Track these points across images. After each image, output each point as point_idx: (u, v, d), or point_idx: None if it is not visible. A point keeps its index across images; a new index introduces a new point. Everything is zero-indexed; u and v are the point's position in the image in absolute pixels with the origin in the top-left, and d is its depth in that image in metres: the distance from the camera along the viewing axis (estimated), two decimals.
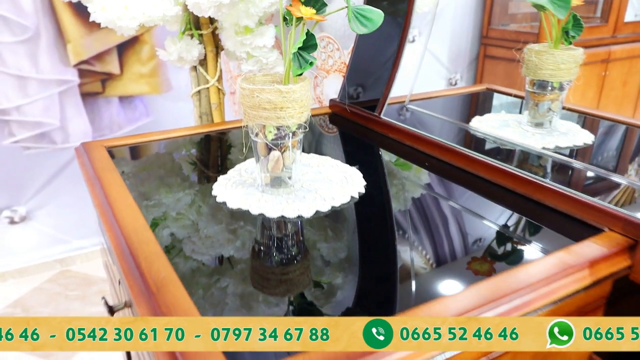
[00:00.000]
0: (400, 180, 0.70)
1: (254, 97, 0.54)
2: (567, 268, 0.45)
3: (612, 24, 2.59)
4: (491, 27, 2.68)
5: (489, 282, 0.43)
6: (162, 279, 0.43)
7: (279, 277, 0.48)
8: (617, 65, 2.70)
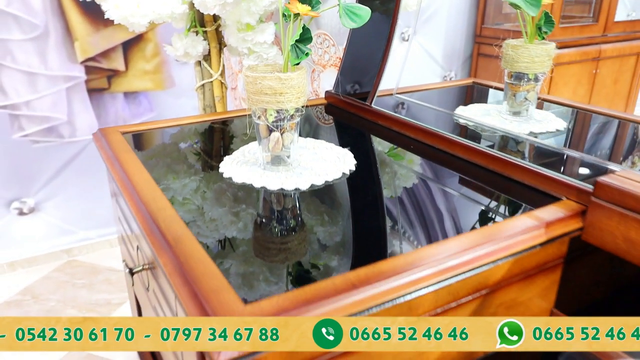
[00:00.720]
0: (387, 162, 0.77)
1: (257, 84, 0.62)
2: (528, 227, 0.53)
3: (603, 23, 2.69)
4: (484, 26, 2.78)
5: (463, 237, 0.51)
6: (179, 235, 0.50)
7: (279, 241, 0.56)
8: (608, 64, 2.81)
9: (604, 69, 2.84)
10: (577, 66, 2.90)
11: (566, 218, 0.55)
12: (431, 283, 0.46)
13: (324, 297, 0.42)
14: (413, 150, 0.78)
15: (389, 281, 0.44)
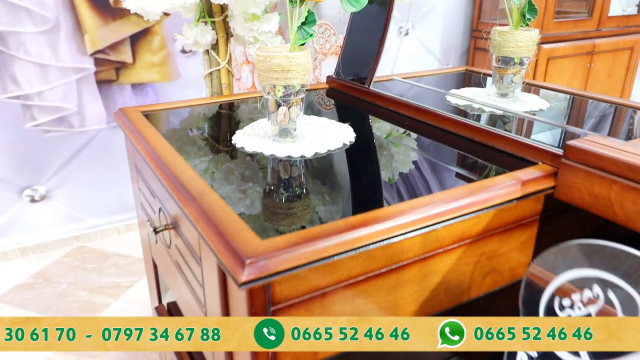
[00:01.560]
0: (383, 135, 0.85)
1: (267, 62, 0.69)
2: (506, 184, 0.60)
3: (597, 18, 2.79)
4: (481, 20, 2.86)
5: (448, 191, 0.58)
6: (201, 190, 0.58)
7: (289, 197, 0.63)
8: (602, 57, 2.91)
9: (598, 62, 2.94)
10: (572, 60, 3.00)
11: (540, 178, 0.63)
12: (419, 227, 0.53)
13: (328, 235, 0.49)
14: (407, 126, 0.85)
15: (383, 224, 0.52)
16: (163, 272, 0.83)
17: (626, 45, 3.02)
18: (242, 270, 0.44)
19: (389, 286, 0.56)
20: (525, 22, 0.92)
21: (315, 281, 0.50)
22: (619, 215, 0.56)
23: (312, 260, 0.47)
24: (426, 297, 0.60)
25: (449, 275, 0.60)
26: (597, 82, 3.12)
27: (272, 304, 0.48)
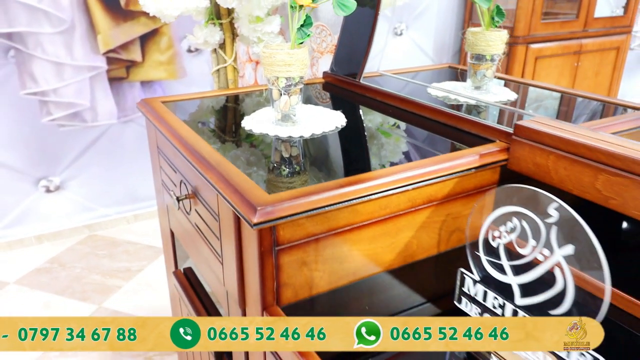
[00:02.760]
0: (370, 121, 0.98)
1: (272, 58, 0.83)
2: (467, 155, 0.74)
3: (583, 19, 2.96)
4: (472, 22, 3.03)
5: (420, 162, 0.71)
6: (219, 161, 0.71)
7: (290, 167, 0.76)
8: (589, 57, 3.09)
9: (585, 62, 3.11)
10: (559, 59, 3.17)
11: (496, 152, 0.76)
12: (393, 187, 0.67)
13: (321, 191, 0.63)
14: (391, 114, 0.99)
15: (364, 184, 0.65)
16: (181, 238, 0.97)
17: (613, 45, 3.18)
18: (255, 215, 0.58)
19: (370, 237, 0.69)
20: (494, 23, 1.06)
21: (310, 228, 0.64)
22: (555, 180, 0.70)
23: (308, 210, 0.61)
24: (401, 248, 0.73)
25: (420, 231, 0.74)
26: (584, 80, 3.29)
27: (277, 244, 0.62)
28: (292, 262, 0.64)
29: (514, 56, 2.94)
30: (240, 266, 0.67)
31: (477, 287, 0.57)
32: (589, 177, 0.65)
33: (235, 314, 0.74)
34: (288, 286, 0.65)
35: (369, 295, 0.72)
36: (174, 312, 1.18)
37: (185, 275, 1.04)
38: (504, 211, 0.52)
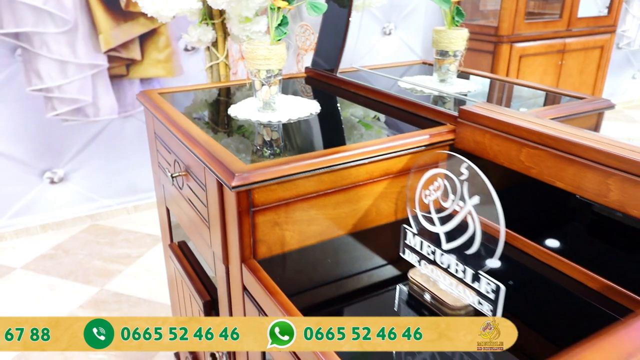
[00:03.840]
0: (342, 108, 1.11)
1: (253, 52, 0.96)
2: (419, 134, 0.86)
3: (566, 19, 3.11)
4: None
5: (379, 140, 0.84)
6: (206, 140, 0.84)
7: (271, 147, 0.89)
8: (573, 56, 3.24)
9: (569, 60, 3.26)
10: (543, 58, 3.31)
11: (444, 132, 0.89)
12: (353, 160, 0.79)
13: (290, 162, 0.75)
14: (361, 102, 1.12)
15: (328, 157, 0.78)
16: (176, 213, 1.09)
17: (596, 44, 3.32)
18: (233, 179, 0.70)
19: (333, 203, 0.82)
20: (455, 22, 1.18)
21: (281, 193, 0.76)
22: (490, 154, 0.82)
23: (277, 177, 0.73)
24: (362, 214, 0.86)
25: (378, 200, 0.87)
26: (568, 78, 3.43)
27: (253, 206, 0.75)
28: (265, 222, 0.76)
29: (498, 55, 3.08)
30: (223, 226, 0.80)
31: (415, 239, 0.70)
32: (515, 151, 0.78)
33: (220, 271, 0.87)
34: (263, 243, 0.77)
35: (334, 255, 0.85)
36: (171, 285, 1.31)
37: (179, 247, 1.16)
38: (431, 173, 0.65)
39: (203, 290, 1.00)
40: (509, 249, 0.79)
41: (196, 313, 1.07)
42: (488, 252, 0.59)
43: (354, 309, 0.72)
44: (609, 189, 0.66)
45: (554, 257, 0.74)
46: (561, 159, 0.71)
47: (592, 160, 0.67)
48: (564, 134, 0.71)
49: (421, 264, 0.70)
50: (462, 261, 0.63)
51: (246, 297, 0.78)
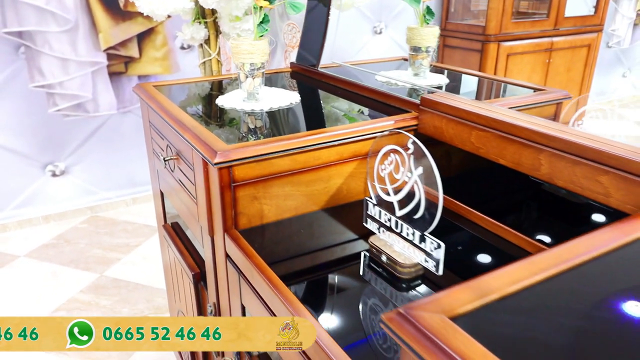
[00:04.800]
0: (321, 99, 1.21)
1: (238, 47, 1.06)
2: (385, 120, 0.96)
3: (553, 18, 3.22)
4: (449, 21, 3.28)
5: (348, 125, 0.94)
6: (195, 125, 0.94)
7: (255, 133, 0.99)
8: (561, 54, 3.35)
9: (557, 59, 3.36)
10: (531, 56, 3.42)
11: (408, 119, 0.99)
12: (324, 141, 0.89)
13: (267, 143, 0.85)
14: (339, 94, 1.21)
15: (301, 139, 0.88)
16: (167, 193, 1.19)
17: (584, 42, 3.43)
18: (215, 157, 0.80)
19: (307, 181, 0.92)
20: (427, 21, 1.28)
21: (259, 171, 0.86)
22: (447, 138, 0.92)
23: (255, 155, 0.83)
24: (333, 192, 0.96)
25: (348, 179, 0.96)
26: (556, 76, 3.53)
27: (234, 182, 0.84)
28: (245, 196, 0.86)
29: (486, 53, 3.19)
30: (208, 201, 0.90)
31: (375, 209, 0.80)
32: (467, 134, 0.88)
33: (207, 243, 0.96)
34: (243, 215, 0.87)
35: (309, 228, 0.94)
36: (165, 267, 1.41)
37: (172, 228, 1.27)
38: (386, 149, 0.75)
39: (193, 264, 1.10)
40: (456, 217, 0.89)
41: (187, 287, 1.17)
42: (431, 216, 0.69)
43: (325, 272, 0.82)
44: (540, 164, 0.76)
45: (496, 224, 0.84)
46: (503, 139, 0.81)
47: (527, 139, 0.77)
48: (505, 117, 0.81)
49: (380, 230, 0.80)
50: (412, 225, 0.73)
51: (229, 264, 0.88)
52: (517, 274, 0.48)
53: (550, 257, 0.51)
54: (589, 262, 0.51)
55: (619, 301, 0.46)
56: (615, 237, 0.54)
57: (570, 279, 0.48)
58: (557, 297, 0.46)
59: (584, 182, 0.70)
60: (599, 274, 0.50)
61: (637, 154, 0.64)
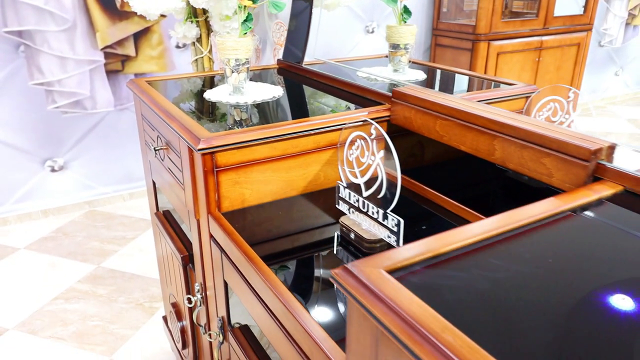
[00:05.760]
0: (303, 92, 1.28)
1: (224, 44, 1.13)
2: (357, 112, 1.04)
3: (542, 17, 3.30)
4: (440, 21, 3.36)
5: (324, 115, 1.01)
6: (182, 116, 1.01)
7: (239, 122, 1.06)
8: (550, 53, 3.43)
9: (546, 57, 3.44)
10: (521, 54, 3.49)
11: (381, 110, 1.06)
12: (300, 130, 0.96)
13: (248, 131, 0.92)
14: (321, 88, 1.29)
15: (279, 128, 0.95)
16: (158, 182, 1.26)
17: (573, 41, 3.50)
18: (199, 143, 0.88)
19: (286, 167, 0.99)
20: (404, 19, 1.35)
21: (240, 157, 0.93)
22: (415, 127, 0.99)
23: (236, 142, 0.91)
24: (311, 178, 1.03)
25: (325, 166, 1.04)
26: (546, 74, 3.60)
27: (216, 167, 0.92)
28: (227, 180, 0.94)
29: (476, 52, 3.26)
30: (194, 186, 0.97)
31: (345, 191, 0.87)
32: (432, 123, 0.95)
33: (194, 225, 1.04)
34: (226, 198, 0.95)
35: (288, 212, 1.02)
36: (158, 256, 1.48)
37: (163, 215, 1.34)
38: (353, 135, 0.82)
39: (182, 248, 1.18)
40: (416, 197, 0.97)
41: (177, 270, 1.24)
42: (392, 195, 0.76)
43: (300, 249, 0.90)
44: (494, 149, 0.83)
45: (454, 204, 0.91)
46: (463, 127, 0.88)
47: (483, 126, 0.84)
48: (464, 107, 0.88)
49: (350, 211, 0.87)
50: (376, 204, 0.80)
51: (212, 244, 0.96)
52: (450, 238, 0.55)
53: (485, 223, 0.58)
54: (518, 228, 0.58)
55: (540, 258, 0.53)
56: (546, 209, 0.62)
57: (499, 242, 0.56)
58: (483, 255, 0.53)
59: (530, 164, 0.77)
60: (526, 239, 0.57)
61: (573, 138, 0.71)
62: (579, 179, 0.70)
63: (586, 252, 0.55)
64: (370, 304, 0.47)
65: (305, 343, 0.66)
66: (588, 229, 0.60)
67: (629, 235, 0.58)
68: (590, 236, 0.58)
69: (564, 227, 0.60)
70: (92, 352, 1.67)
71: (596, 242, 0.57)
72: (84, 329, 1.78)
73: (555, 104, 1.08)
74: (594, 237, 0.58)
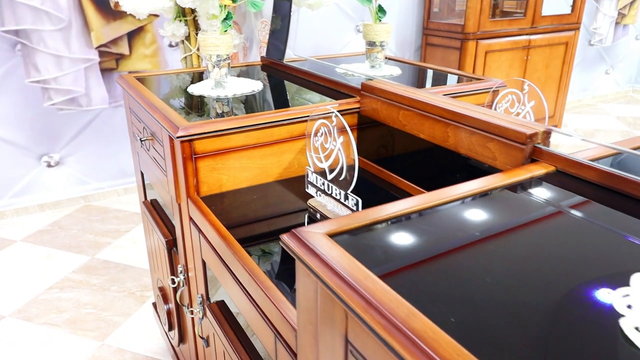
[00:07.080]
0: (282, 87, 1.35)
1: (206, 41, 1.20)
2: (332, 103, 1.11)
3: (530, 17, 3.39)
4: (431, 20, 3.45)
5: (300, 106, 1.08)
6: (164, 107, 1.09)
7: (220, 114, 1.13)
8: (538, 52, 3.53)
9: (535, 56, 3.53)
10: (509, 53, 3.58)
11: (352, 102, 1.14)
12: (273, 120, 1.04)
13: (225, 121, 1.00)
14: (299, 83, 1.36)
15: (255, 117, 1.02)
16: (145, 171, 1.34)
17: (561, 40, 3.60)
18: (177, 131, 0.95)
19: (261, 155, 1.06)
20: (379, 18, 1.42)
21: (217, 145, 1.01)
22: (381, 118, 1.07)
23: (212, 131, 0.98)
24: (285, 166, 1.10)
25: (299, 155, 1.11)
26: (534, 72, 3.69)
27: (195, 154, 0.99)
28: (205, 166, 1.01)
29: (465, 51, 3.35)
30: (175, 172, 1.04)
31: (313, 175, 0.94)
32: (395, 114, 1.03)
33: (175, 210, 1.11)
34: (204, 183, 1.02)
35: (264, 197, 1.09)
36: (147, 246, 1.55)
37: (151, 203, 1.41)
38: (318, 123, 0.89)
39: (167, 233, 1.25)
40: (379, 180, 1.04)
41: (162, 254, 1.31)
42: (351, 176, 0.84)
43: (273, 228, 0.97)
44: (448, 136, 0.90)
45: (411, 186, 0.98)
46: (422, 116, 0.96)
47: (438, 115, 0.92)
48: (422, 98, 0.95)
49: (317, 194, 0.94)
50: (338, 186, 0.87)
51: (192, 225, 1.03)
52: (388, 208, 0.62)
53: (425, 196, 0.65)
54: (452, 201, 0.65)
55: (467, 225, 0.60)
56: (481, 185, 0.69)
57: (433, 212, 0.63)
58: (415, 221, 0.61)
59: (478, 149, 0.85)
60: (456, 209, 0.64)
61: (513, 124, 0.79)
62: (517, 160, 0.78)
63: (507, 221, 0.63)
64: (309, 259, 0.54)
65: (266, 307, 0.73)
66: (513, 201, 0.67)
67: (552, 207, 0.66)
68: (513, 206, 0.65)
69: (494, 200, 0.67)
70: (85, 338, 1.75)
71: (517, 212, 0.64)
72: (77, 316, 1.86)
73: (513, 96, 1.15)
74: (516, 208, 0.65)
